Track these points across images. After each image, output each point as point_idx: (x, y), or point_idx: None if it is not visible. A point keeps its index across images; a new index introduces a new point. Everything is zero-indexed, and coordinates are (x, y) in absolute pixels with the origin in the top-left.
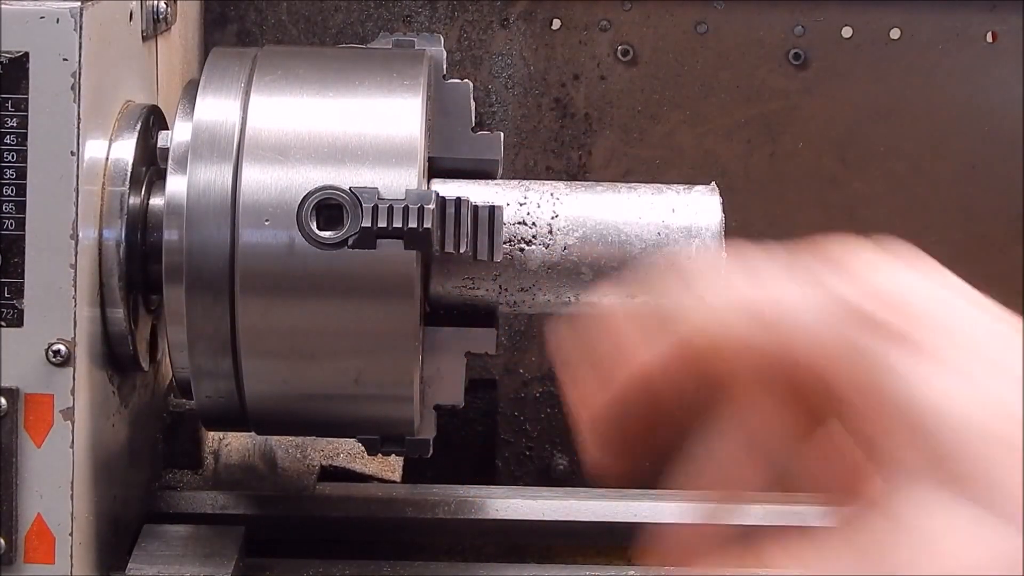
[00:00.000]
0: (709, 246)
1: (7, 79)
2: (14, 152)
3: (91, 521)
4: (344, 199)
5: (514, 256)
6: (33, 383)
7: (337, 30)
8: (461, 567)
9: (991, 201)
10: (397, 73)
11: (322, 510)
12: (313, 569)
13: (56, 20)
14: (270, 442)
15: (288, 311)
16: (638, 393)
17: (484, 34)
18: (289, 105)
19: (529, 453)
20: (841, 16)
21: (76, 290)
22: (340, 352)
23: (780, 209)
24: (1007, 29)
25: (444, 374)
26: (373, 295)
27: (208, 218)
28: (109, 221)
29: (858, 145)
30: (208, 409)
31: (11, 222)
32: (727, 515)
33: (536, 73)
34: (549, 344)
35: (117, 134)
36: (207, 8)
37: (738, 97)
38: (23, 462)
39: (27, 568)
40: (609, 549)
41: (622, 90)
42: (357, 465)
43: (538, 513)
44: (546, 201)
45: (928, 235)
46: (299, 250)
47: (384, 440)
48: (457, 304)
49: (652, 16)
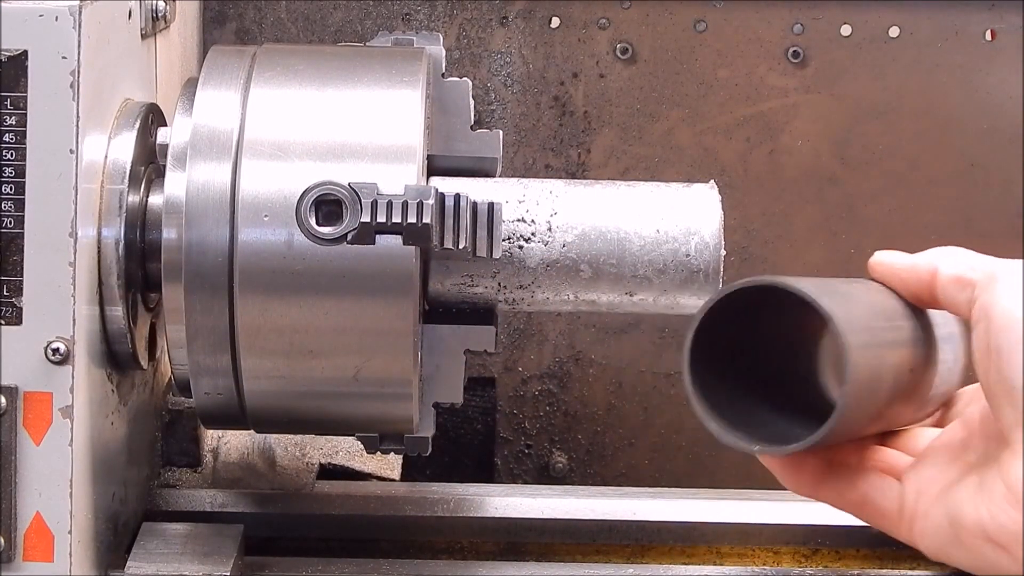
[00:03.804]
0: (708, 244)
1: (6, 77)
2: (13, 150)
3: (90, 519)
4: (343, 194)
5: (513, 253)
6: (32, 381)
7: (336, 28)
8: (460, 565)
9: (990, 199)
10: (396, 70)
11: (321, 508)
12: (312, 567)
13: (55, 18)
14: (269, 440)
15: (287, 308)
16: None
17: (483, 32)
18: (288, 102)
19: (528, 451)
20: (840, 14)
21: (75, 288)
22: (339, 349)
23: (779, 207)
24: (1006, 27)
25: (443, 372)
26: (372, 291)
27: (207, 215)
28: (108, 219)
29: (857, 143)
30: (207, 407)
31: (10, 220)
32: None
33: (535, 71)
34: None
35: (116, 132)
36: (206, 6)
37: (737, 95)
38: (22, 460)
39: (26, 566)
40: (608, 547)
41: (621, 88)
42: (356, 463)
43: (537, 511)
44: (545, 199)
45: (928, 234)
46: (298, 246)
47: (383, 438)
48: (456, 302)
49: (651, 14)
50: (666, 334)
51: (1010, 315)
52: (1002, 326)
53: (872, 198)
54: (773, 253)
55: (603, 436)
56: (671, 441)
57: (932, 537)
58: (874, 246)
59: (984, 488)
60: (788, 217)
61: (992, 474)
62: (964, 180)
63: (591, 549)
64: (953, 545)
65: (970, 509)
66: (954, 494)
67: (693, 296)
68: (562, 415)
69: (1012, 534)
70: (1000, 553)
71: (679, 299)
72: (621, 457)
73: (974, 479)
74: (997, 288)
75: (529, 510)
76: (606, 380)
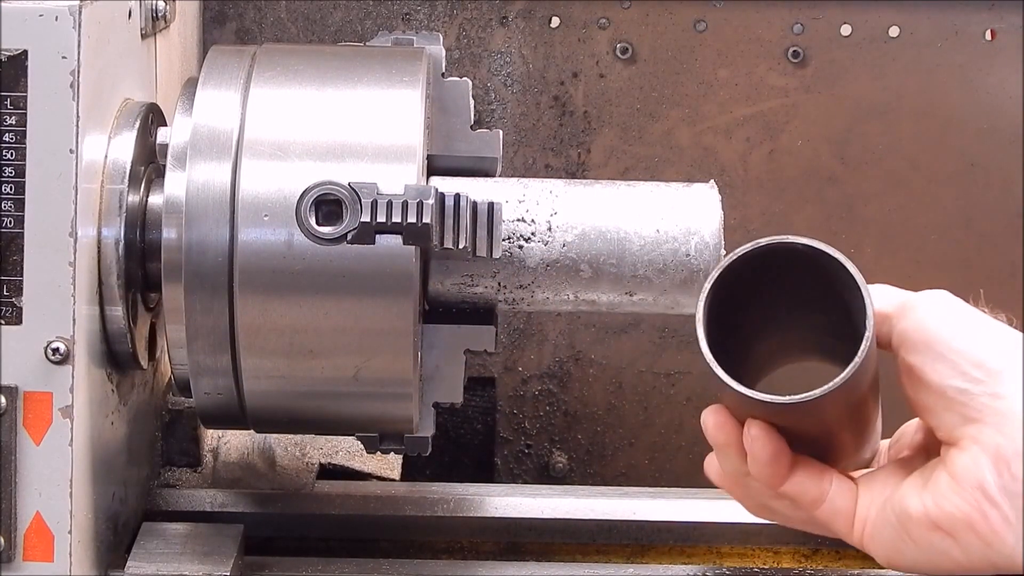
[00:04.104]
0: (708, 244)
1: (6, 77)
2: (13, 150)
3: (90, 519)
4: (343, 194)
5: (513, 253)
6: (32, 381)
7: (336, 28)
8: (460, 565)
9: (990, 199)
10: (396, 70)
11: (321, 508)
12: (312, 567)
13: (55, 18)
14: (269, 440)
15: (287, 308)
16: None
17: (483, 32)
18: (288, 102)
19: (528, 451)
20: (840, 14)
21: (75, 288)
22: (339, 349)
23: (779, 207)
24: (1006, 27)
25: (443, 372)
26: (372, 291)
27: (207, 215)
28: (108, 219)
29: (857, 143)
30: (207, 407)
31: (10, 220)
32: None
33: (535, 71)
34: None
35: (116, 132)
36: (206, 6)
37: (737, 95)
38: (22, 460)
39: (26, 566)
40: (608, 547)
41: (621, 88)
42: (356, 463)
43: (537, 511)
44: (545, 199)
45: (928, 234)
46: (298, 246)
47: (383, 438)
48: (456, 302)
49: (651, 14)
50: (666, 334)
51: (924, 330)
52: (918, 340)
53: (872, 198)
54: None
55: (603, 436)
56: (671, 441)
57: (881, 538)
58: (874, 246)
59: (929, 483)
60: (788, 217)
61: (937, 472)
62: (964, 180)
63: (591, 549)
64: (902, 540)
65: (916, 502)
66: (900, 491)
67: (693, 296)
68: (562, 415)
69: (959, 520)
70: (948, 541)
71: (679, 299)
72: (621, 457)
73: (918, 479)
74: (910, 314)
75: (529, 510)
76: (606, 380)
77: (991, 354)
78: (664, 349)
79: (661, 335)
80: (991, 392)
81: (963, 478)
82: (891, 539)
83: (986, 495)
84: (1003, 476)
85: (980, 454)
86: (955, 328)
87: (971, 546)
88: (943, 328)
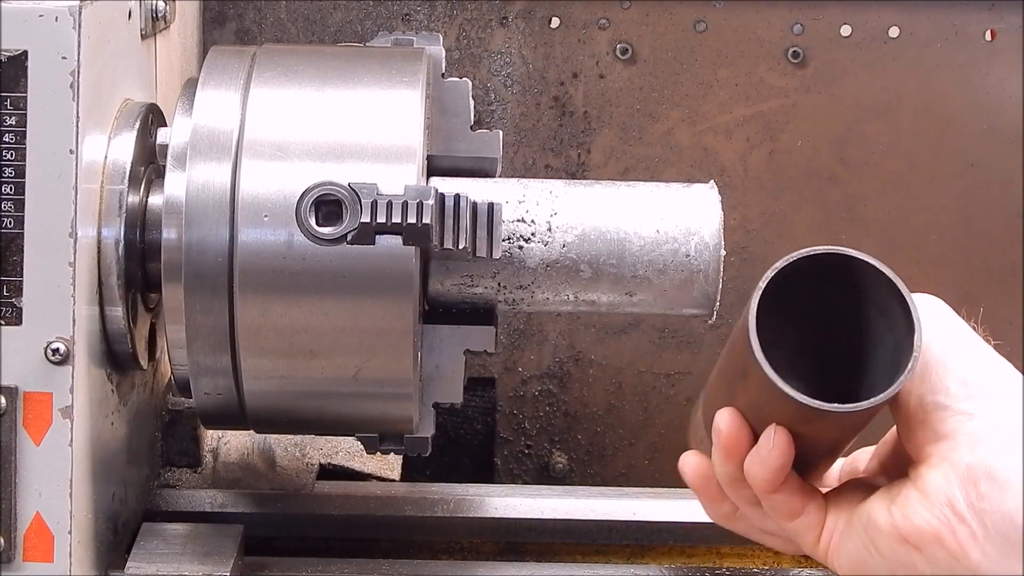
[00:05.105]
0: (708, 244)
1: (6, 77)
2: (13, 150)
3: (90, 519)
4: (343, 194)
5: (513, 253)
6: (32, 381)
7: (336, 28)
8: (460, 565)
9: (990, 199)
10: (396, 71)
11: (321, 508)
12: (312, 567)
13: (55, 18)
14: (269, 440)
15: (287, 308)
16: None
17: (483, 32)
18: (288, 102)
19: (528, 451)
20: (840, 14)
21: (75, 288)
22: (339, 349)
23: (779, 207)
24: (1005, 27)
25: (443, 372)
26: (372, 292)
27: (207, 215)
28: (108, 219)
29: (857, 143)
30: (207, 407)
31: (10, 220)
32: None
33: (535, 71)
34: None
35: (116, 132)
36: (206, 6)
37: (737, 95)
38: (22, 460)
39: (26, 567)
40: (608, 547)
41: (621, 88)
42: (356, 463)
43: (537, 511)
44: (545, 199)
45: (927, 234)
46: (298, 246)
47: (383, 438)
48: (456, 302)
49: (651, 14)
50: (666, 334)
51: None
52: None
53: (872, 198)
54: (773, 253)
55: (603, 436)
56: (671, 441)
57: (847, 552)
58: (874, 246)
59: (898, 497)
60: (788, 217)
61: (906, 487)
62: (964, 180)
63: (591, 549)
64: (868, 553)
65: (884, 516)
66: (867, 505)
67: (693, 296)
68: (562, 415)
69: (927, 534)
70: (915, 555)
71: (679, 299)
72: (621, 457)
73: (885, 494)
74: None
75: (529, 510)
76: (606, 380)
77: (977, 375)
78: (664, 349)
79: (661, 335)
80: (966, 411)
81: (933, 494)
82: (857, 552)
83: (955, 511)
84: (971, 494)
85: (950, 471)
86: (947, 345)
87: (937, 560)
88: (935, 343)
